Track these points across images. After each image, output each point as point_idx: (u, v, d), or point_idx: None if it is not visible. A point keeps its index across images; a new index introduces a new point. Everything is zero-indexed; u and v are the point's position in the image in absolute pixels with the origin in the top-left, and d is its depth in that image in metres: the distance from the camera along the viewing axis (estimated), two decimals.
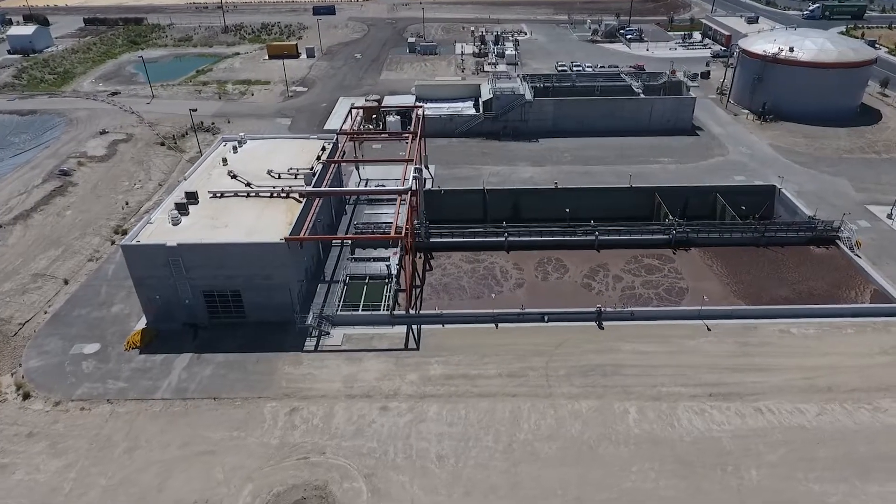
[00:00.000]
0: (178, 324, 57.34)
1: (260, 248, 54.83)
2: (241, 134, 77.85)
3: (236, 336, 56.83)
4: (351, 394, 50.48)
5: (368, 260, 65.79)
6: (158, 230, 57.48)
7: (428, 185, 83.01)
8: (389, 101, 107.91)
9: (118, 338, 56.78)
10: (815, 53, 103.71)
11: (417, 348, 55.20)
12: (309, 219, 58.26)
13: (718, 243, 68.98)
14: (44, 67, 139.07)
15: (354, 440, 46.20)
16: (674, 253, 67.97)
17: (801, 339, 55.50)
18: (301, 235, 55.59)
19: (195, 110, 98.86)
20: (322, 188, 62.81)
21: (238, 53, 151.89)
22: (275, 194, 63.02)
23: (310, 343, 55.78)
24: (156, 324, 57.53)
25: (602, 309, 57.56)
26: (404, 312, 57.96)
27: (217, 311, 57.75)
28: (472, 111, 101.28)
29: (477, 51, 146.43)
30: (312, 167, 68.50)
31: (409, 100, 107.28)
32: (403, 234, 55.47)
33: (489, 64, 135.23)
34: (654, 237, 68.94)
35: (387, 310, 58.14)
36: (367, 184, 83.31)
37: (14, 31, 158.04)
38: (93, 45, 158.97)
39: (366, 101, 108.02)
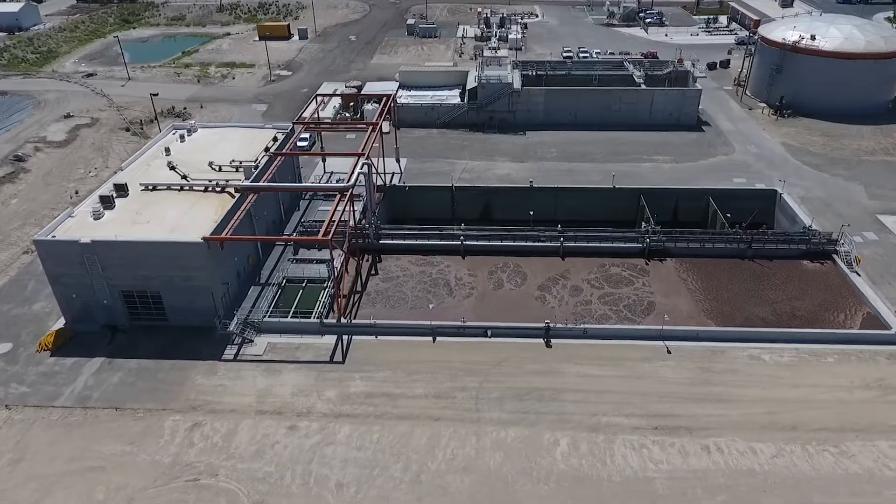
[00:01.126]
0: (98, 325, 56.56)
1: (177, 248, 53.47)
2: (192, 122, 76.96)
3: (155, 340, 55.72)
4: (261, 409, 48.81)
5: (311, 262, 64.03)
6: (78, 224, 56.55)
7: (395, 181, 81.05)
8: (371, 87, 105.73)
9: (32, 338, 56.11)
10: (840, 42, 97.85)
11: (343, 361, 53.24)
12: (237, 216, 56.68)
13: (698, 254, 65.19)
14: (27, 46, 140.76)
15: (252, 462, 44.51)
16: (647, 263, 64.46)
17: (773, 368, 51.81)
18: (222, 235, 54.01)
19: (156, 94, 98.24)
20: (256, 183, 61.08)
21: (229, 34, 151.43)
22: (209, 188, 61.71)
23: (231, 351, 54.28)
24: (74, 324, 56.74)
25: (551, 325, 54.77)
26: (335, 321, 56.14)
27: (138, 313, 56.70)
28: (458, 100, 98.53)
29: (480, 34, 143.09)
30: (257, 159, 66.97)
31: (392, 87, 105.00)
32: (330, 237, 53.34)
33: (490, 49, 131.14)
34: (626, 245, 65.52)
35: (319, 317, 56.36)
36: (330, 177, 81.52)
37: (0, 7, 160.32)
38: (80, 24, 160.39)
39: (346, 87, 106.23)
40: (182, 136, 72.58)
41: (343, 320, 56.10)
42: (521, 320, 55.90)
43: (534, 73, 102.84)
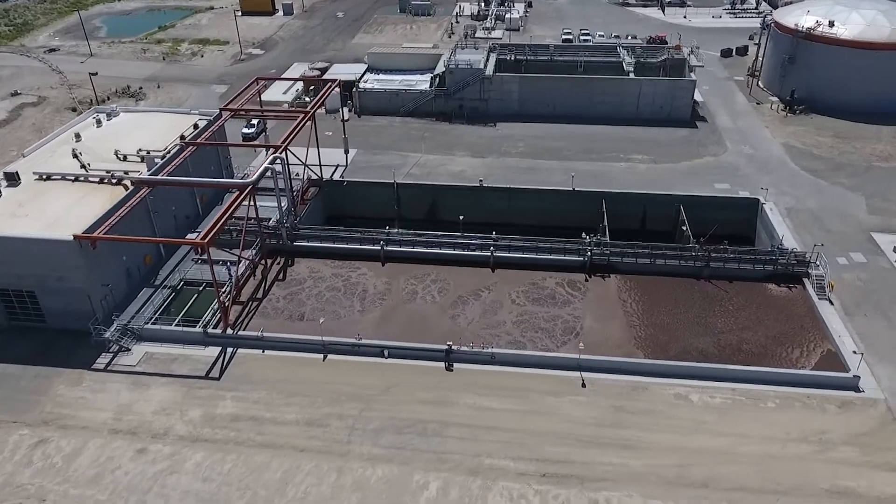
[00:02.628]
0: None
1: (47, 246, 52.01)
2: (114, 105, 75.68)
3: (30, 343, 54.58)
4: (115, 428, 47.04)
5: (217, 262, 61.94)
6: None
7: (338, 174, 78.41)
8: (337, 69, 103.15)
9: None
10: (862, 29, 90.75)
11: (219, 377, 51.16)
12: (120, 213, 54.88)
13: (648, 271, 60.85)
14: (2, 18, 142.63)
15: (86, 488, 42.76)
16: (587, 279, 60.46)
17: (699, 411, 47.58)
18: (95, 233, 52.29)
19: (95, 74, 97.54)
20: (152, 177, 59.20)
21: (213, 8, 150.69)
22: (105, 180, 60.21)
23: (104, 360, 52.76)
24: None
25: (454, 347, 51.58)
26: (219, 332, 54.06)
27: (15, 313, 55.74)
28: (426, 86, 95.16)
29: (477, 12, 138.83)
30: (166, 149, 65.22)
31: (360, 69, 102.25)
32: (207, 240, 51.04)
33: (483, 29, 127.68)
34: (565, 258, 61.62)
35: (204, 326, 54.33)
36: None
37: None
38: None
39: (309, 69, 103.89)
40: (99, 121, 71.32)
41: (229, 331, 54.15)
42: (425, 339, 52.84)
43: (512, 59, 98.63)
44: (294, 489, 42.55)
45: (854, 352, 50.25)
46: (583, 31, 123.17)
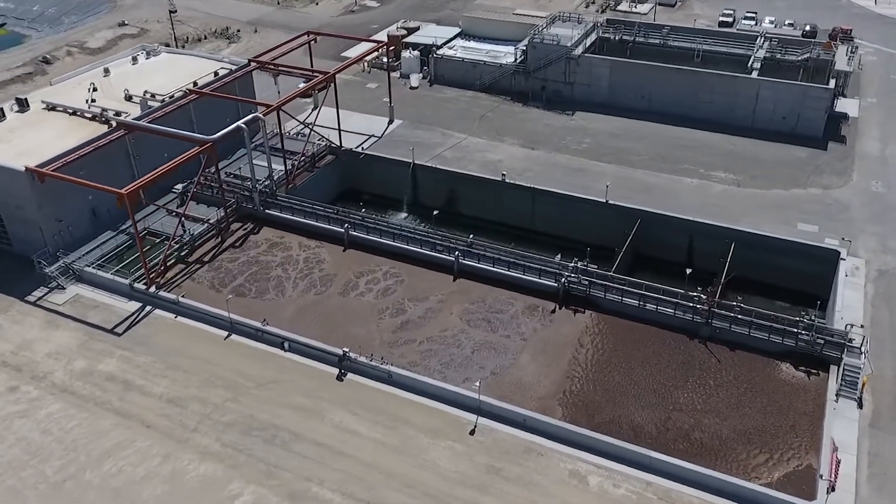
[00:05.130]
0: None
1: (3, 174, 58.38)
2: (157, 45, 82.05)
3: None
4: (6, 361, 52.31)
5: (188, 217, 65.40)
6: None
7: (366, 144, 78.43)
8: (427, 31, 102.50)
9: None
10: None
11: (120, 334, 54.54)
12: (82, 151, 59.88)
13: (633, 316, 53.81)
14: None
15: None
16: (557, 309, 54.94)
17: (590, 498, 41.55)
18: (46, 170, 57.58)
19: (175, 11, 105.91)
20: (130, 121, 63.66)
21: None
22: (96, 117, 66.04)
23: (39, 293, 58.64)
24: None
25: (350, 355, 49.90)
26: (144, 287, 57.33)
27: None
28: (510, 60, 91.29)
29: None
30: (171, 94, 69.73)
31: (451, 34, 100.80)
32: (126, 192, 53.80)
33: (630, 1, 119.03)
34: (540, 280, 56.38)
35: (132, 279, 57.99)
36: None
37: None
38: None
39: (396, 27, 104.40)
40: (135, 59, 78.26)
41: (152, 289, 57.33)
42: (331, 340, 51.76)
43: (616, 38, 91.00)
44: (112, 464, 44.51)
45: (824, 478, 40.71)
46: (748, 14, 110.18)
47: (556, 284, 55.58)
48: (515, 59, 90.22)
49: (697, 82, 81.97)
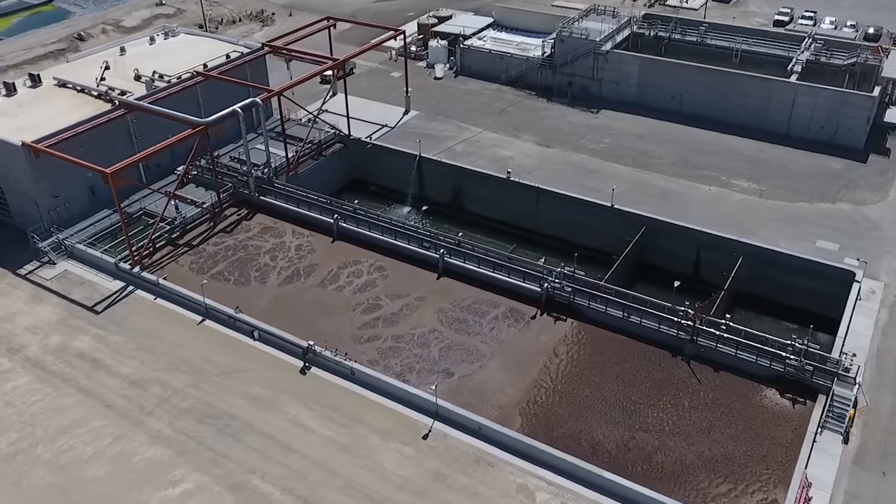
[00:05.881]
0: None
1: (2, 147, 60.87)
2: (176, 26, 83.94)
3: None
4: None
5: (185, 200, 66.81)
6: None
7: (377, 134, 78.56)
8: (459, 21, 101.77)
9: None
10: None
11: (98, 312, 56.19)
12: (79, 129, 61.87)
13: (616, 327, 52.26)
14: None
15: None
16: (536, 316, 53.82)
17: None
18: (41, 146, 59.66)
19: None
20: (132, 101, 65.45)
21: None
22: (101, 96, 68.12)
23: (30, 267, 60.95)
24: None
25: (313, 348, 50.09)
26: (128, 267, 58.88)
27: None
28: (537, 53, 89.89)
29: None
30: (179, 75, 71.30)
31: (481, 23, 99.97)
32: (109, 171, 55.13)
33: None
34: (524, 284, 55.32)
35: (118, 259, 59.65)
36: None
37: None
38: None
39: (428, 16, 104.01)
40: (153, 39, 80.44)
41: (136, 270, 58.83)
42: (299, 331, 52.05)
43: (651, 34, 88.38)
44: (66, 440, 45.97)
45: None
46: (806, 13, 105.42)
47: (539, 289, 54.66)
48: (543, 53, 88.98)
49: (730, 84, 78.98)
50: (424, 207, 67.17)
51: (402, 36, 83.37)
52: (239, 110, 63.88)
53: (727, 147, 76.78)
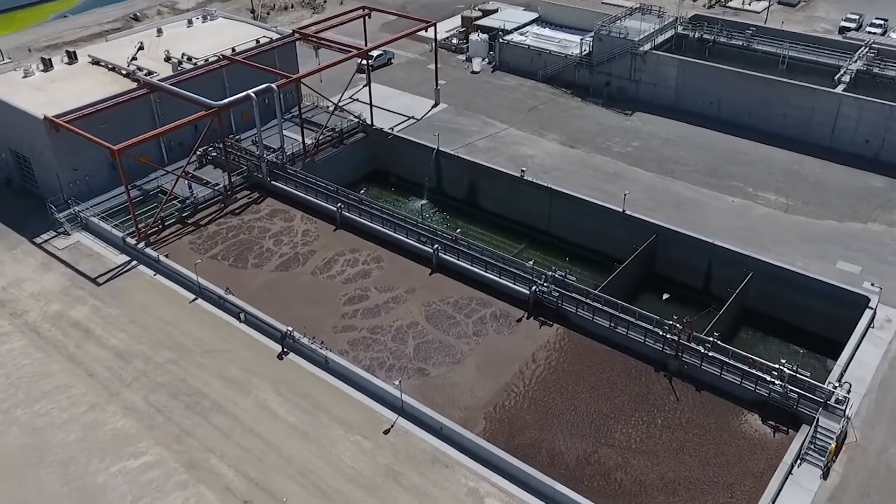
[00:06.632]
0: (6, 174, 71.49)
1: (28, 120, 63.62)
2: (215, 10, 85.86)
3: (22, 203, 67.93)
4: None
5: (201, 181, 68.54)
6: (8, 78, 70.97)
7: (401, 125, 78.61)
8: (505, 15, 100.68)
9: None
10: None
11: (99, 284, 58.19)
12: (97, 107, 64.06)
13: (601, 336, 50.71)
14: None
15: None
16: (523, 318, 52.77)
17: None
18: (61, 120, 62.08)
19: None
20: (154, 80, 67.40)
21: None
22: (129, 75, 70.40)
23: (46, 237, 63.64)
24: None
25: (292, 334, 50.53)
26: (134, 242, 60.77)
27: (23, 174, 69.77)
28: (575, 51, 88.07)
29: None
30: (207, 59, 73.01)
31: (525, 18, 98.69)
32: (118, 148, 56.85)
33: None
34: (514, 286, 54.29)
35: (126, 233, 61.62)
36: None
37: None
38: None
39: (474, 10, 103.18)
40: (190, 22, 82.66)
41: (141, 245, 60.66)
42: (283, 318, 52.60)
43: (695, 36, 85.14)
44: (45, 405, 47.86)
45: None
46: (876, 20, 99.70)
47: (528, 292, 53.64)
48: (581, 51, 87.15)
49: (772, 91, 75.49)
50: (422, 202, 66.17)
51: (433, 28, 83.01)
52: (253, 95, 65.14)
53: (762, 157, 73.58)
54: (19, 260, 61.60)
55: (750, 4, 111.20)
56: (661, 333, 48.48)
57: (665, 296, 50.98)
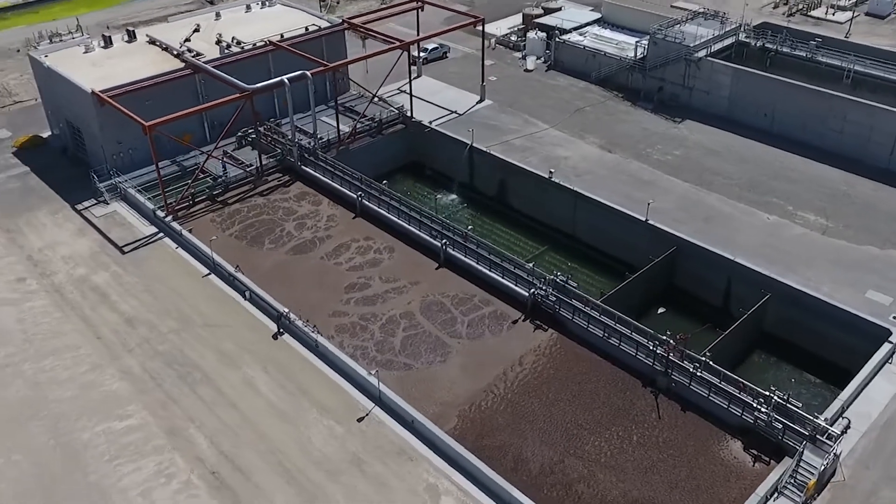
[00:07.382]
0: (62, 143, 75.97)
1: (78, 93, 67.41)
2: None
3: (73, 172, 71.62)
4: (30, 256, 60.89)
5: (236, 161, 70.82)
6: (70, 53, 75.24)
7: (442, 119, 78.88)
8: (566, 14, 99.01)
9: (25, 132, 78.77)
10: None
11: (124, 253, 61.11)
12: (141, 84, 67.22)
13: (595, 346, 49.50)
14: None
15: None
16: (520, 321, 52.12)
17: None
18: (108, 97, 65.30)
19: None
20: (197, 62, 70.03)
21: None
22: (178, 55, 73.41)
23: (87, 204, 67.29)
24: (53, 137, 77.21)
25: (288, 316, 51.67)
26: (162, 215, 63.46)
27: (76, 143, 73.97)
28: (630, 54, 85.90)
29: None
30: (254, 44, 75.25)
31: (586, 18, 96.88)
32: (149, 124, 59.35)
33: (832, 7, 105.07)
34: (515, 287, 53.60)
35: (156, 206, 64.39)
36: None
37: None
38: None
39: (535, 7, 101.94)
40: (248, 7, 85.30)
41: (168, 218, 63.32)
42: (284, 300, 53.84)
43: (757, 45, 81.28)
44: (50, 362, 50.75)
45: None
46: None
47: (526, 294, 52.99)
48: (635, 54, 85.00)
49: (829, 107, 71.58)
50: (438, 196, 65.92)
51: (481, 24, 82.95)
52: (286, 81, 66.90)
53: (811, 175, 69.95)
54: (59, 224, 65.47)
55: (834, 14, 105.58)
56: (653, 349, 47.08)
57: (661, 310, 49.43)
